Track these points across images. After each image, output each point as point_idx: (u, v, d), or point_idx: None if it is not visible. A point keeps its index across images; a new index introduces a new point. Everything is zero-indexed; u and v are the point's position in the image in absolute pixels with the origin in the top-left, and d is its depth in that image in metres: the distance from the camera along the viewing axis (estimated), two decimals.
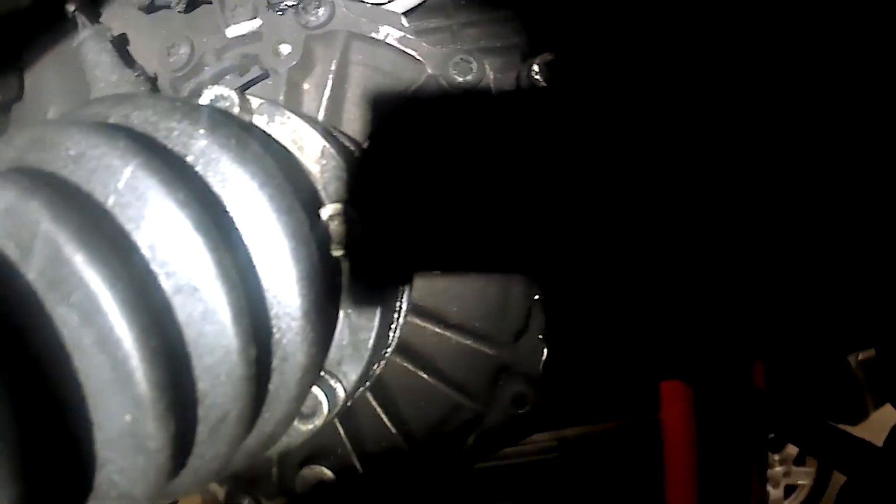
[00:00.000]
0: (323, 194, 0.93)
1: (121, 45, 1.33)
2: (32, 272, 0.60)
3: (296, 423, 0.91)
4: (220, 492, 1.31)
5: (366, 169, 1.06)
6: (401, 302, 1.12)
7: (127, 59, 1.33)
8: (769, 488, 4.82)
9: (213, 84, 0.99)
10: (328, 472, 1.20)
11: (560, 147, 1.21)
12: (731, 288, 1.30)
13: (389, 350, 1.12)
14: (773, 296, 1.30)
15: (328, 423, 1.09)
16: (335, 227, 0.88)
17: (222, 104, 0.93)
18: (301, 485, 1.22)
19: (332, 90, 1.22)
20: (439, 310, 1.19)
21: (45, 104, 1.41)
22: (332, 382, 0.94)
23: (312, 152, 0.95)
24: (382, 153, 1.19)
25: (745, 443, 2.52)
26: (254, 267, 0.74)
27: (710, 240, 1.27)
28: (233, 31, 1.29)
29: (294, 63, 1.22)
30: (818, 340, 1.46)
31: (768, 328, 1.36)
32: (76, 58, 1.31)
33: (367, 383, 1.12)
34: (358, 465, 1.21)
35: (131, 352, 0.59)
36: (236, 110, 0.93)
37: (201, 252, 0.66)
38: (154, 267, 0.66)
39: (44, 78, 1.42)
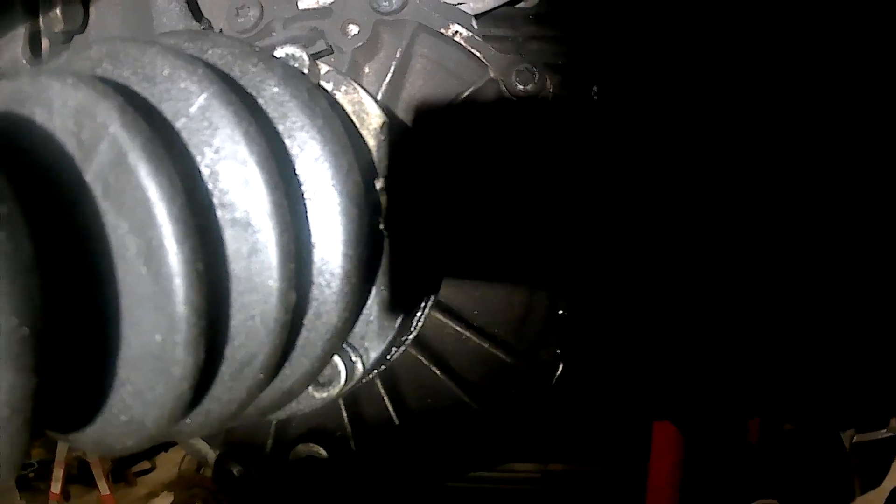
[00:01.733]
0: (378, 168, 0.93)
1: None
2: (90, 173, 0.60)
3: (310, 389, 0.90)
4: (210, 454, 1.30)
5: (419, 155, 1.06)
6: (428, 294, 1.12)
7: (195, 12, 1.33)
8: None
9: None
10: (322, 452, 1.19)
11: (605, 173, 1.21)
12: (740, 340, 1.30)
13: (410, 339, 1.11)
14: (779, 355, 1.30)
15: (331, 403, 1.08)
16: (385, 202, 0.88)
17: (293, 63, 0.93)
18: (293, 460, 1.21)
19: (392, 77, 1.22)
20: (462, 310, 1.18)
21: None
22: (353, 356, 0.93)
23: (372, 126, 0.94)
24: (434, 145, 1.19)
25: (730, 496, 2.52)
26: (307, 217, 0.74)
27: (726, 288, 1.27)
28: (304, 3, 1.30)
29: (360, 44, 1.22)
30: (818, 409, 1.45)
31: (771, 387, 1.36)
32: (145, 2, 1.31)
33: (382, 367, 1.11)
34: (354, 450, 1.20)
35: (175, 269, 0.58)
36: (306, 71, 0.93)
37: (260, 189, 0.65)
38: (212, 195, 0.65)
39: (109, 15, 1.42)
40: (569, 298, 1.21)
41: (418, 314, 1.10)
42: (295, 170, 0.74)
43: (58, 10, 1.37)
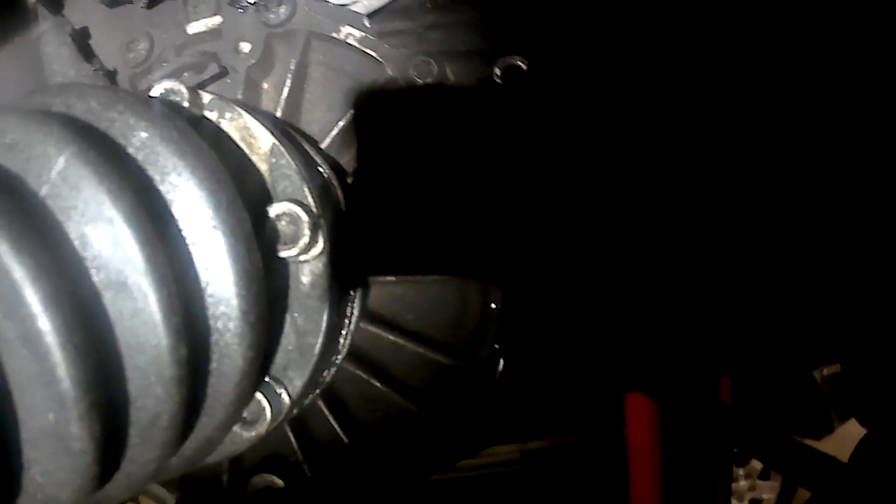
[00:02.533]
0: (273, 193, 0.91)
1: (81, 38, 1.31)
2: None
3: (238, 429, 0.88)
4: (170, 499, 1.29)
5: (319, 169, 1.04)
6: (353, 307, 1.10)
7: (87, 53, 1.30)
8: (734, 501, 4.85)
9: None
10: (278, 481, 1.18)
11: (518, 151, 1.19)
12: (698, 301, 1.29)
13: (340, 357, 1.09)
14: (739, 310, 1.29)
15: (279, 431, 1.06)
16: (284, 227, 0.86)
17: (172, 98, 0.91)
18: (251, 493, 1.19)
19: (290, 89, 1.20)
20: (394, 317, 1.16)
21: (3, 95, 1.38)
22: (277, 388, 0.91)
23: (262, 150, 0.92)
24: (339, 154, 1.17)
25: (709, 457, 2.52)
26: (192, 264, 0.72)
27: (676, 252, 1.25)
28: (193, 28, 1.28)
29: (253, 61, 1.20)
30: (784, 355, 1.45)
31: (734, 342, 1.35)
32: (35, 50, 1.29)
33: (318, 390, 1.09)
34: (309, 474, 1.19)
35: (52, 347, 0.56)
36: (186, 105, 0.90)
37: (131, 246, 0.63)
38: (85, 260, 0.63)
39: (3, 68, 1.40)
40: (499, 291, 1.19)
41: (345, 329, 1.08)
42: (172, 217, 0.72)
43: None
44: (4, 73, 1.40)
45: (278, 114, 1.18)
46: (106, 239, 0.63)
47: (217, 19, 1.26)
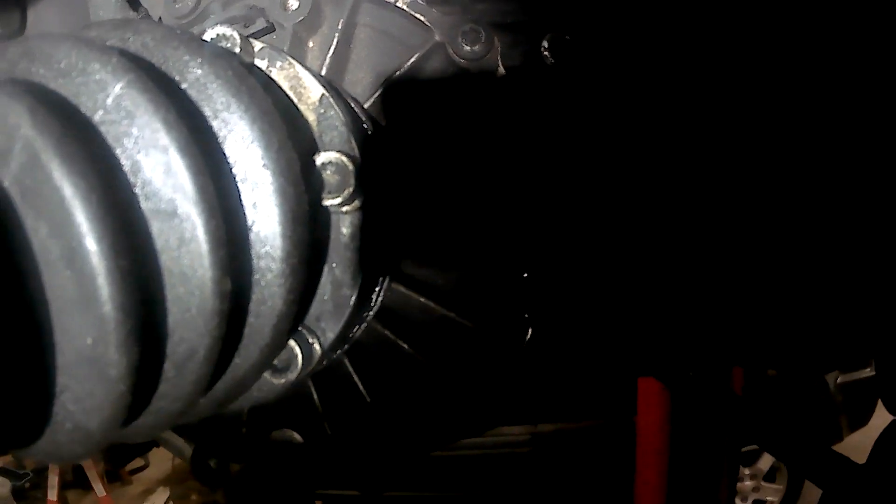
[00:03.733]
0: (319, 143, 0.91)
1: None
2: (7, 178, 0.58)
3: (267, 375, 0.88)
4: (186, 449, 1.29)
5: (365, 126, 1.04)
6: (388, 266, 1.10)
7: (133, 2, 1.30)
8: (738, 501, 4.86)
9: None
10: (297, 437, 1.18)
11: (562, 127, 1.19)
12: (717, 290, 1.28)
13: (371, 314, 1.09)
14: (759, 303, 1.29)
15: (302, 385, 1.06)
16: (329, 176, 0.86)
17: (223, 44, 0.91)
18: (269, 447, 1.19)
19: (336, 49, 1.20)
20: (426, 280, 1.16)
21: None
22: (310, 338, 0.91)
23: (311, 101, 0.92)
24: (381, 116, 1.17)
25: (717, 451, 2.52)
26: (240, 201, 0.72)
27: (698, 241, 1.25)
28: None
29: (301, 19, 1.20)
30: (800, 354, 1.44)
31: (751, 335, 1.35)
32: None
33: (346, 346, 1.09)
34: (329, 431, 1.19)
35: (98, 268, 0.56)
36: (237, 51, 0.90)
37: (183, 176, 0.63)
38: (135, 187, 0.63)
39: (46, 14, 1.40)
40: (531, 261, 1.19)
41: (378, 287, 1.08)
42: (224, 152, 0.72)
43: None
44: (50, 18, 1.40)
45: (323, 72, 1.18)
46: (158, 167, 0.63)
47: None
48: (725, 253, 1.26)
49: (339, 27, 1.20)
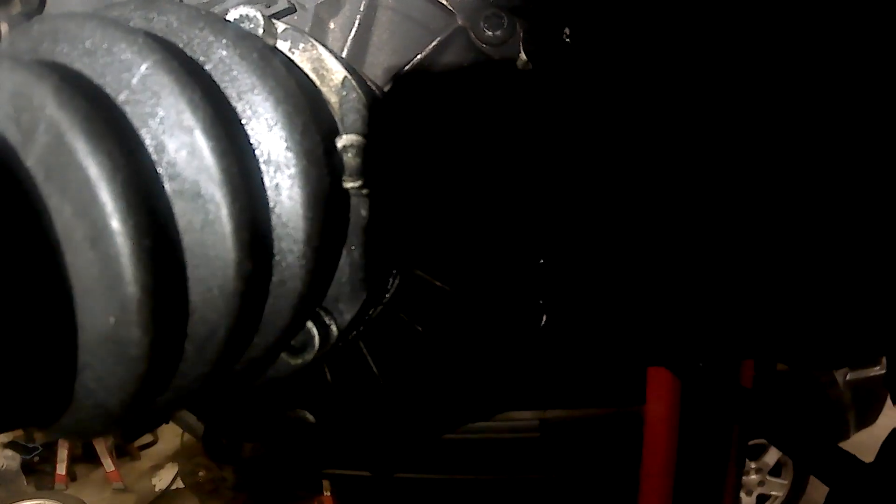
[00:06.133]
0: (340, 125, 0.91)
1: None
2: (32, 158, 0.58)
3: (284, 355, 0.89)
4: (198, 426, 1.29)
5: (385, 110, 1.04)
6: (405, 250, 1.10)
7: None
8: (742, 495, 4.87)
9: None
10: (310, 417, 1.18)
11: (580, 114, 1.19)
12: (730, 281, 1.28)
13: (388, 296, 1.09)
14: (771, 295, 1.29)
15: (317, 366, 1.07)
16: (349, 159, 0.86)
17: (246, 25, 0.91)
18: (281, 427, 1.20)
19: (357, 31, 1.20)
20: (443, 264, 1.16)
21: None
22: (327, 319, 0.91)
23: (333, 83, 0.92)
24: (402, 100, 1.16)
25: (725, 444, 2.53)
26: (262, 183, 0.72)
27: (717, 231, 1.25)
28: None
29: (322, 0, 1.19)
30: (811, 347, 1.44)
31: (763, 327, 1.34)
32: None
33: (361, 328, 1.10)
34: (342, 414, 1.19)
35: (123, 249, 0.57)
36: (260, 32, 0.90)
37: (208, 157, 0.63)
38: (159, 168, 0.63)
39: None
40: (547, 247, 1.19)
41: (394, 271, 1.08)
42: (247, 134, 0.72)
43: None
44: None
45: (344, 54, 1.18)
46: (183, 148, 0.63)
47: None
48: (739, 243, 1.25)
49: (361, 9, 1.20)
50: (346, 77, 0.92)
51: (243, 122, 0.72)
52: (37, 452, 6.25)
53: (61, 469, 6.23)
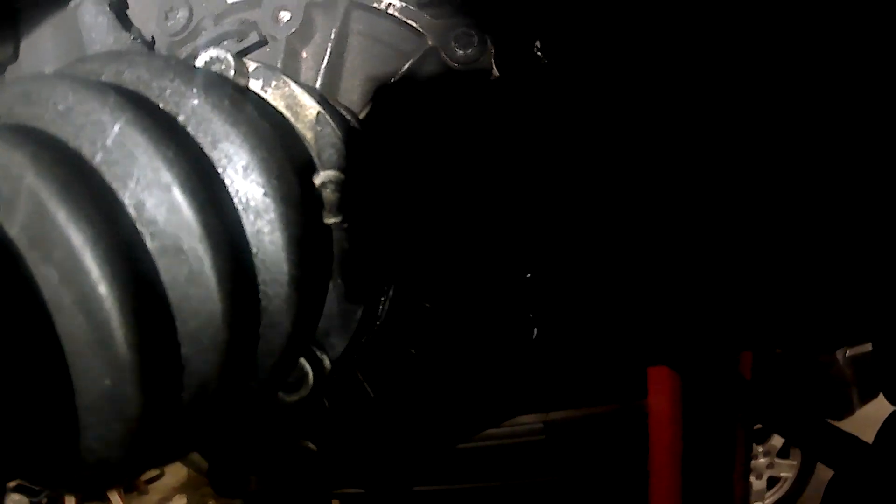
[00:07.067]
0: (317, 161, 0.92)
1: (119, 7, 1.31)
2: (14, 228, 0.58)
3: (280, 394, 0.90)
4: (203, 463, 1.30)
5: (361, 140, 1.05)
6: (393, 275, 1.11)
7: (125, 22, 1.30)
8: (752, 479, 4.87)
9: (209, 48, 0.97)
10: (312, 446, 1.19)
11: (557, 126, 1.20)
12: (723, 276, 1.29)
13: (378, 323, 1.10)
14: (764, 285, 1.29)
15: (314, 398, 1.08)
16: (328, 195, 0.87)
17: (217, 67, 0.91)
18: (285, 458, 1.21)
19: (330, 59, 1.21)
20: (431, 285, 1.17)
21: (40, 66, 1.39)
22: (319, 353, 0.92)
23: (308, 119, 0.93)
24: (378, 125, 1.17)
25: (730, 431, 2.53)
26: (242, 231, 0.73)
27: (702, 227, 1.26)
28: None
29: (293, 30, 1.20)
30: (808, 333, 1.45)
31: (758, 318, 1.35)
32: (73, 20, 1.29)
33: (355, 357, 1.11)
34: (343, 440, 1.20)
35: (112, 312, 0.57)
36: (232, 73, 0.91)
37: (187, 213, 0.64)
38: (140, 227, 0.64)
39: (40, 40, 1.40)
40: (535, 260, 1.20)
41: (384, 298, 1.09)
42: (223, 184, 0.73)
43: None
44: (43, 43, 1.40)
45: (318, 83, 1.19)
46: (162, 205, 0.64)
47: None
48: (730, 238, 1.26)
49: (332, 36, 1.21)
50: (319, 112, 0.92)
51: (219, 170, 0.73)
52: (44, 494, 6.24)
53: None
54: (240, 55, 1.01)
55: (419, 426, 1.24)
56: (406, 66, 1.20)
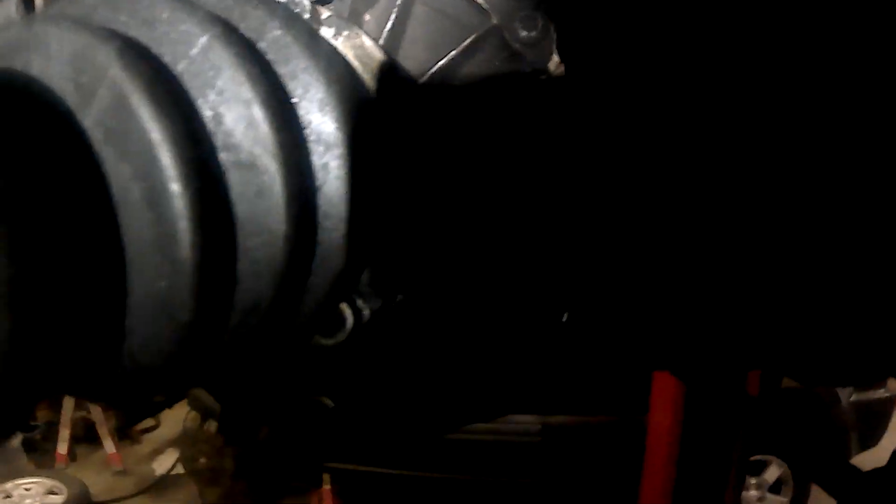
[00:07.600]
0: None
1: None
2: (89, 119, 0.59)
3: (317, 336, 0.90)
4: (216, 407, 1.31)
5: (423, 99, 1.05)
6: (432, 247, 1.11)
7: None
8: None
9: None
10: (328, 401, 1.19)
11: (608, 121, 1.20)
12: (737, 290, 1.29)
13: (413, 286, 1.10)
14: (782, 308, 1.29)
15: (341, 353, 1.08)
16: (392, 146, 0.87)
17: (293, 8, 0.92)
18: (301, 410, 1.21)
19: (393, 24, 1.21)
20: (466, 265, 1.17)
21: None
22: (360, 303, 0.93)
23: (374, 70, 0.93)
24: (437, 93, 1.17)
25: (726, 458, 2.53)
26: (310, 160, 0.73)
27: (723, 240, 1.26)
28: None
29: None
30: (820, 364, 1.45)
31: (772, 339, 1.35)
32: None
33: (388, 315, 1.11)
34: (360, 399, 1.20)
35: (180, 212, 0.58)
36: (307, 16, 0.92)
37: (265, 130, 0.65)
38: (216, 137, 0.65)
39: None
40: (571, 246, 1.20)
41: (419, 266, 1.09)
42: (297, 113, 0.73)
43: None
44: None
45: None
46: (241, 119, 0.65)
47: None
48: (753, 252, 1.26)
49: (397, 3, 1.21)
50: (389, 64, 0.93)
51: (294, 101, 0.73)
52: (38, 430, 6.26)
53: (62, 448, 6.24)
54: (314, 2, 1.01)
55: (429, 403, 1.24)
56: (468, 41, 1.20)
